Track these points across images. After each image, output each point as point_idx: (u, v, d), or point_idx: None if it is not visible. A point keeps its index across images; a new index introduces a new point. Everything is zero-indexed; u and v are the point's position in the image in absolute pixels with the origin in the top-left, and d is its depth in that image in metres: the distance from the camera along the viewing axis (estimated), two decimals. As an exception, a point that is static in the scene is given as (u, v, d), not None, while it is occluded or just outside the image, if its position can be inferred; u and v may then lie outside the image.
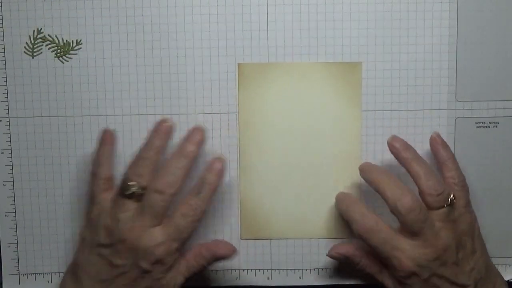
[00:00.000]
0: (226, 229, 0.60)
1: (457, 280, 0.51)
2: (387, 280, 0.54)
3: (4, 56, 0.58)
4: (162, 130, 0.53)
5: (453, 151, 0.58)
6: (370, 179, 0.54)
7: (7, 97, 0.59)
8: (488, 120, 0.59)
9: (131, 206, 0.51)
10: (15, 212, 0.60)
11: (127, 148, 0.59)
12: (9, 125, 0.59)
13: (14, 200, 0.60)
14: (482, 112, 0.59)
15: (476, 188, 0.59)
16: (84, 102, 0.59)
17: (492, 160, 0.59)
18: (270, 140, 0.58)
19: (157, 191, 0.50)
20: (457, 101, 0.59)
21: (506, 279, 0.60)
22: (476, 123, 0.59)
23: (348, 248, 0.55)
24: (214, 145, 0.59)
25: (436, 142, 0.56)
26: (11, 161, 0.59)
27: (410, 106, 0.59)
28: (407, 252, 0.51)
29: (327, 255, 0.55)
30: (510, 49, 0.58)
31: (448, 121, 0.59)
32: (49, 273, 0.61)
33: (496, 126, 0.59)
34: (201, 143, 0.53)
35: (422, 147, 0.59)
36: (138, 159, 0.52)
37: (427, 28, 0.57)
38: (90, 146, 0.59)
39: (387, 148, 0.54)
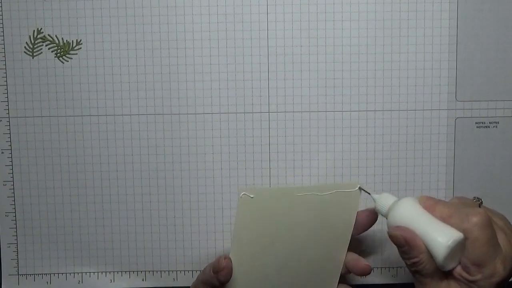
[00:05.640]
0: None
1: None
2: None
3: (4, 56, 0.58)
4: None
5: (453, 151, 0.58)
6: None
7: (7, 97, 0.59)
8: (488, 120, 0.59)
9: None
10: (15, 212, 0.60)
11: (127, 149, 0.59)
12: (9, 125, 0.59)
13: (14, 200, 0.60)
14: (482, 112, 0.59)
15: (476, 188, 0.59)
16: (84, 102, 0.59)
17: (492, 160, 0.59)
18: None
19: None
20: (457, 101, 0.59)
21: (506, 279, 0.60)
22: (476, 123, 0.59)
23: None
24: (214, 145, 0.59)
25: None
26: (11, 161, 0.59)
27: (410, 106, 0.59)
28: None
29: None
30: (510, 49, 0.58)
31: (448, 121, 0.59)
32: (48, 274, 0.61)
33: (496, 126, 0.59)
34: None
35: (422, 147, 0.59)
36: None
37: (427, 28, 0.58)
38: (90, 146, 0.59)
39: (387, 148, 0.54)
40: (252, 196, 0.50)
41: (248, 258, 0.52)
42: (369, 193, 0.51)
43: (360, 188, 0.52)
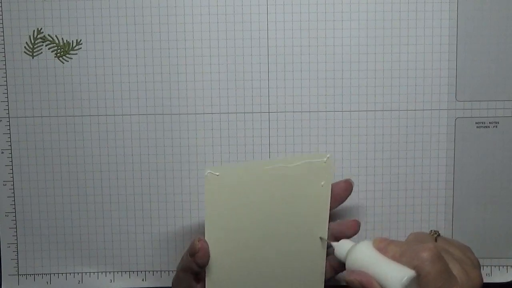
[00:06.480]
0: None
1: None
2: None
3: (4, 56, 0.58)
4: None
5: (453, 151, 0.58)
6: None
7: (7, 97, 0.59)
8: (488, 120, 0.59)
9: None
10: (15, 212, 0.60)
11: (127, 149, 0.59)
12: (9, 125, 0.59)
13: (14, 200, 0.60)
14: (482, 112, 0.59)
15: (476, 188, 0.59)
16: (84, 102, 0.59)
17: (492, 160, 0.59)
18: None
19: None
20: (457, 101, 0.59)
21: (506, 280, 0.60)
22: (476, 123, 0.59)
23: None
24: (214, 145, 0.59)
25: None
26: (11, 161, 0.59)
27: (410, 106, 0.59)
28: None
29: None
30: (510, 49, 0.58)
31: (448, 121, 0.59)
32: (48, 274, 0.61)
33: (496, 126, 0.59)
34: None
35: (422, 147, 0.59)
36: None
37: (427, 28, 0.58)
38: (90, 146, 0.59)
39: (387, 148, 0.54)
40: (217, 174, 0.49)
41: (224, 239, 0.51)
42: (328, 241, 0.52)
43: (322, 238, 0.53)
